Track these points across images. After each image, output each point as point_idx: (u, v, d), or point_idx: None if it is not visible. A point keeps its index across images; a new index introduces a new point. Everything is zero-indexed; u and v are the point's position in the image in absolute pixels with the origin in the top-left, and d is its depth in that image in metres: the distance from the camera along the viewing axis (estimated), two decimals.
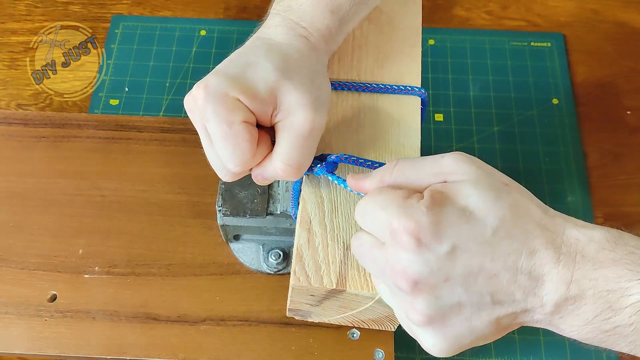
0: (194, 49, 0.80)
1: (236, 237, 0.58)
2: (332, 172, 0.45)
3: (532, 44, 0.82)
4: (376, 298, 0.43)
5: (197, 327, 0.55)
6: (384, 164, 0.46)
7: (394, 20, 0.54)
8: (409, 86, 0.51)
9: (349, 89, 0.51)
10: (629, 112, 0.77)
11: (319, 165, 0.45)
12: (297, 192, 0.48)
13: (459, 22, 0.84)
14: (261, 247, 0.58)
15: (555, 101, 0.77)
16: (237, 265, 0.58)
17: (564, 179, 0.72)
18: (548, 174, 0.72)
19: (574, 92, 0.78)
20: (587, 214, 0.70)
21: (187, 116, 0.44)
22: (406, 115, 0.50)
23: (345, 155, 0.46)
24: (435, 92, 0.78)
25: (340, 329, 0.54)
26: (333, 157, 0.45)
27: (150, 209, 0.61)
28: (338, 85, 0.50)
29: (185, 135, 0.64)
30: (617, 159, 0.74)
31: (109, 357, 0.54)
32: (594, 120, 0.76)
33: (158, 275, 0.57)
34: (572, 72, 0.80)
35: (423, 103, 0.51)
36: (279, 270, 0.57)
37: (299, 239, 0.44)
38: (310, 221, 0.45)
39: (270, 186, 0.54)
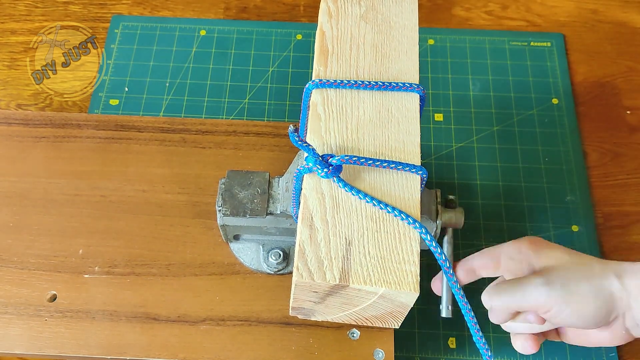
0: (194, 49, 0.80)
1: (236, 237, 0.58)
2: (338, 176, 0.46)
3: (531, 43, 0.82)
4: (379, 293, 0.44)
5: (197, 327, 0.55)
6: (385, 160, 0.45)
7: (390, 19, 0.55)
8: (407, 83, 0.51)
9: (348, 87, 0.51)
10: (628, 112, 0.77)
11: (325, 170, 0.45)
12: (298, 191, 0.48)
13: (459, 22, 0.84)
14: (261, 247, 0.58)
15: (555, 101, 0.77)
16: (237, 265, 0.58)
17: (564, 178, 0.72)
18: (548, 174, 0.72)
19: (573, 91, 0.78)
20: (587, 214, 0.70)
21: (187, 116, 0.44)
22: (405, 112, 0.50)
23: (347, 156, 0.46)
24: (435, 92, 0.78)
25: (340, 329, 0.55)
26: (336, 159, 0.45)
27: (150, 209, 0.61)
28: (337, 84, 0.51)
29: (185, 135, 0.65)
30: (616, 158, 0.74)
31: (108, 357, 0.54)
32: (593, 119, 0.76)
33: (158, 275, 0.57)
34: (571, 71, 0.80)
35: (422, 100, 0.52)
36: (279, 270, 0.57)
37: (301, 235, 0.44)
38: (312, 217, 0.45)
39: (270, 186, 0.54)
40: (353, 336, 0.54)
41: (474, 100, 0.77)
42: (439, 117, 0.76)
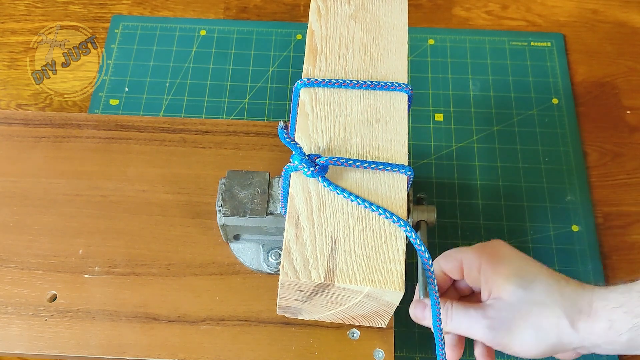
0: (194, 49, 0.81)
1: (236, 237, 0.58)
2: (323, 176, 0.46)
3: (532, 43, 0.82)
4: (365, 292, 0.44)
5: (197, 327, 0.55)
6: (372, 162, 0.46)
7: (380, 18, 0.55)
8: (396, 82, 0.51)
9: (336, 87, 0.51)
10: (628, 112, 0.77)
11: (312, 169, 0.45)
12: (286, 190, 0.48)
13: (459, 22, 0.84)
14: (261, 247, 0.58)
15: (555, 101, 0.77)
16: (237, 265, 0.58)
17: (564, 178, 0.72)
18: (548, 174, 0.72)
19: (573, 91, 0.78)
20: (586, 213, 0.70)
21: (187, 116, 0.44)
22: (393, 111, 0.50)
23: (335, 157, 0.46)
24: (435, 92, 0.78)
25: (340, 329, 0.55)
26: (323, 160, 0.45)
27: (150, 209, 0.61)
28: (325, 83, 0.51)
29: (185, 135, 0.65)
30: (616, 158, 0.74)
31: (108, 357, 0.54)
32: (593, 119, 0.76)
33: (158, 275, 0.57)
34: (572, 71, 0.80)
35: (409, 99, 0.52)
36: (278, 270, 0.57)
37: (287, 234, 0.44)
38: (298, 216, 0.45)
39: (270, 186, 0.54)
40: (353, 336, 0.54)
41: (474, 100, 0.77)
42: (439, 117, 0.76)
